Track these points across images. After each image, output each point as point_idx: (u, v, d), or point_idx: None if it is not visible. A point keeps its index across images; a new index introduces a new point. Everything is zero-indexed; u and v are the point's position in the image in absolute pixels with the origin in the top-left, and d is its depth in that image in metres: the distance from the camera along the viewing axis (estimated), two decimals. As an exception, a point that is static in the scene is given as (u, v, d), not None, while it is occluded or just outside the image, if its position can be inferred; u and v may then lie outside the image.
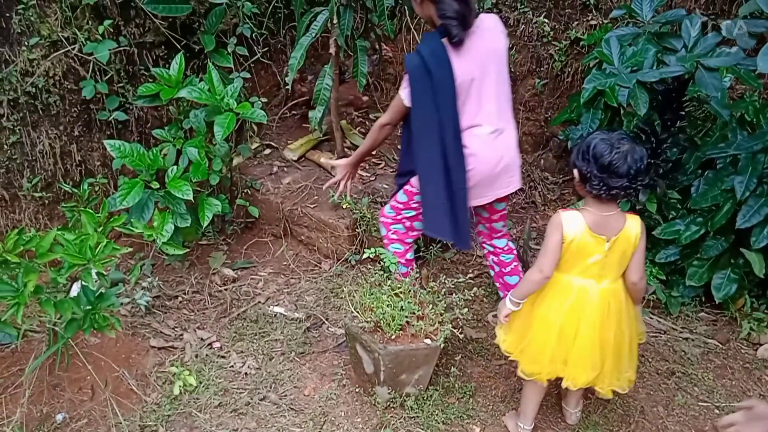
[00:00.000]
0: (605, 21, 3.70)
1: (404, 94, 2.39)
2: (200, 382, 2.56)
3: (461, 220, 2.49)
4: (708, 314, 3.06)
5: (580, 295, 2.13)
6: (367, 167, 3.63)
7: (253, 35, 3.35)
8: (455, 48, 2.29)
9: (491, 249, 2.84)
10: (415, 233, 2.71)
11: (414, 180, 2.54)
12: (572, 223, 2.04)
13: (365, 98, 4.05)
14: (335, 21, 3.01)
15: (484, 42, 2.36)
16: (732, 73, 2.94)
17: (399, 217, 2.64)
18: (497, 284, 2.91)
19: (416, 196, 2.56)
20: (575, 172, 2.04)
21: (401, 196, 2.62)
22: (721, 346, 2.90)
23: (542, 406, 2.53)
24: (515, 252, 2.86)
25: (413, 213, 2.62)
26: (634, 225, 2.07)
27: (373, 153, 3.71)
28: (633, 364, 2.26)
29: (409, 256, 2.75)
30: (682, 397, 2.62)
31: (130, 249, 2.55)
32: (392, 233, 2.70)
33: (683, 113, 3.07)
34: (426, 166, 2.44)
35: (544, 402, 2.54)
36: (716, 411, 2.57)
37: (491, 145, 2.44)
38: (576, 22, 3.84)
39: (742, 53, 2.71)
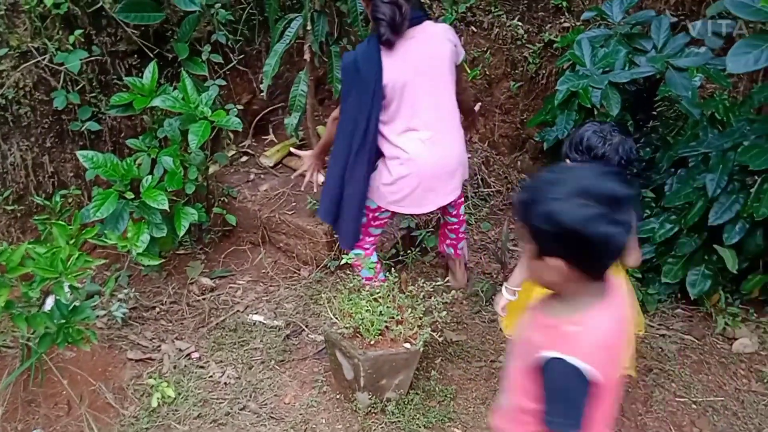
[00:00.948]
0: (577, 23, 3.74)
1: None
2: (179, 394, 2.54)
3: (347, 217, 2.60)
4: (684, 311, 3.10)
5: None
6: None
7: (228, 42, 3.34)
8: (388, 50, 2.36)
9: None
10: (371, 238, 2.76)
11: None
12: None
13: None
14: (309, 27, 3.01)
15: (422, 48, 2.42)
16: (702, 72, 2.99)
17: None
18: (439, 237, 3.12)
19: (366, 201, 2.63)
20: (568, 162, 2.11)
21: None
22: (697, 341, 2.93)
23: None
24: (462, 218, 2.99)
25: (366, 219, 2.67)
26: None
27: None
28: (631, 351, 2.32)
29: (373, 258, 2.79)
30: (659, 393, 2.65)
31: (104, 261, 2.53)
32: None
33: (655, 113, 3.12)
34: (334, 155, 2.58)
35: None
36: (693, 406, 2.60)
37: (429, 149, 2.50)
38: (549, 25, 3.88)
39: (710, 53, 2.76)
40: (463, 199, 2.93)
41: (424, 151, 2.49)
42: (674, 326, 3.01)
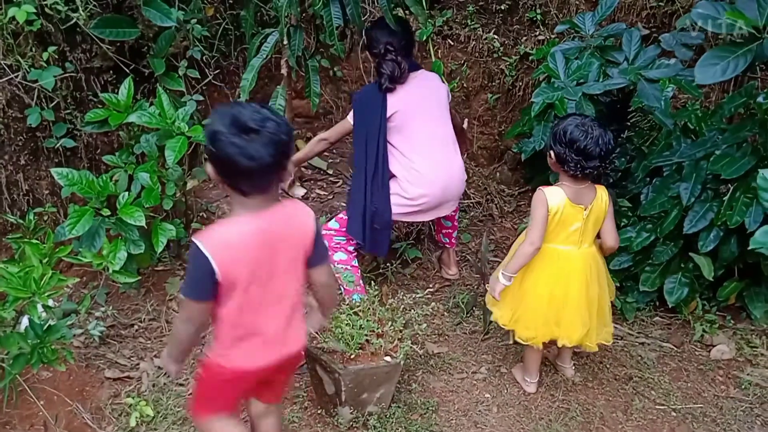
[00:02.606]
0: (552, 36, 3.79)
1: (350, 118, 2.94)
2: (158, 412, 2.50)
3: (382, 230, 2.89)
4: (662, 318, 3.13)
5: (564, 261, 2.38)
6: (325, 186, 3.63)
7: (204, 58, 3.33)
8: (390, 92, 2.84)
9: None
10: (355, 242, 2.97)
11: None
12: (555, 197, 2.30)
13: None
14: (286, 42, 3.02)
15: (421, 89, 2.91)
16: (674, 83, 3.05)
17: (344, 229, 2.94)
18: (435, 228, 3.39)
19: None
20: (551, 153, 2.30)
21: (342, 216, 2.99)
22: (675, 349, 2.96)
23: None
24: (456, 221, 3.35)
25: None
26: (603, 193, 2.37)
27: (330, 172, 3.72)
28: (610, 318, 2.55)
29: (354, 263, 2.97)
30: (639, 401, 2.66)
31: (78, 279, 2.50)
32: (334, 243, 2.93)
33: (629, 123, 3.16)
34: (355, 183, 2.94)
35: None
36: (673, 413, 2.62)
37: (438, 173, 2.88)
38: (525, 38, 3.94)
39: (680, 65, 2.81)
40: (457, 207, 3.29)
41: (435, 176, 2.87)
42: (653, 334, 3.04)
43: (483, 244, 3.30)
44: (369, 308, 2.51)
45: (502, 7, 3.93)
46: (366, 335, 2.40)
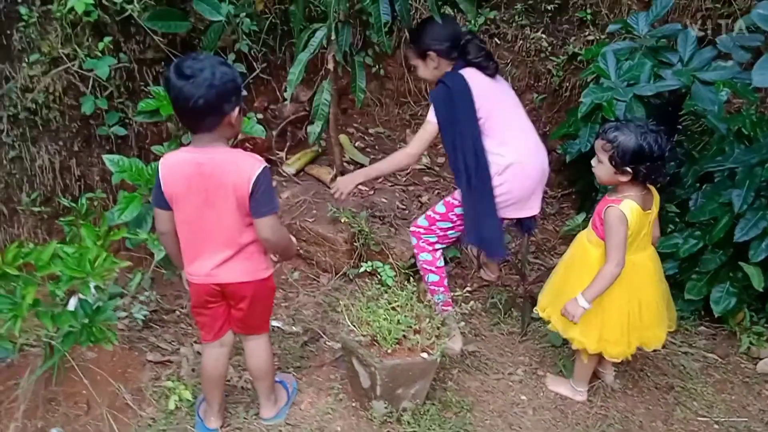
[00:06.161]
0: (602, 36, 3.73)
1: (431, 118, 2.69)
2: (196, 397, 2.54)
3: (489, 227, 2.72)
4: (707, 328, 3.04)
5: (638, 269, 2.35)
6: (366, 181, 3.64)
7: (252, 52, 3.39)
8: (486, 76, 2.70)
9: None
10: (447, 241, 2.89)
11: (457, 193, 2.76)
12: (631, 212, 2.24)
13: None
14: (333, 37, 3.04)
15: (498, 81, 2.79)
16: (728, 86, 2.95)
17: (432, 227, 2.84)
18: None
19: (456, 208, 2.76)
20: (628, 170, 2.19)
21: (440, 207, 2.83)
22: (720, 360, 2.88)
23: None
24: None
25: (450, 224, 2.81)
26: (656, 193, 2.36)
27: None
28: (672, 303, 2.55)
29: (440, 263, 2.90)
30: (681, 411, 2.60)
31: (130, 263, 2.56)
32: (422, 242, 2.85)
33: (680, 127, 3.08)
34: (459, 186, 2.76)
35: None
36: (715, 426, 2.55)
37: (534, 156, 2.75)
38: (573, 38, 3.88)
39: (737, 67, 2.73)
40: None
41: (531, 158, 2.73)
42: (697, 344, 2.96)
43: (524, 245, 3.26)
44: (407, 304, 2.50)
45: (551, 7, 3.88)
46: (403, 331, 2.40)
